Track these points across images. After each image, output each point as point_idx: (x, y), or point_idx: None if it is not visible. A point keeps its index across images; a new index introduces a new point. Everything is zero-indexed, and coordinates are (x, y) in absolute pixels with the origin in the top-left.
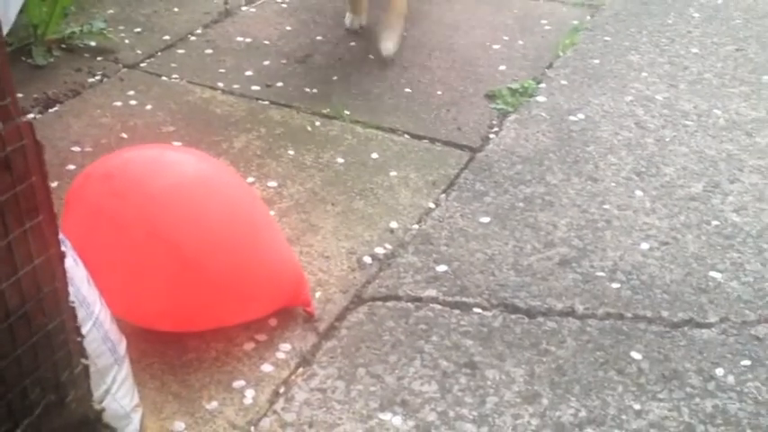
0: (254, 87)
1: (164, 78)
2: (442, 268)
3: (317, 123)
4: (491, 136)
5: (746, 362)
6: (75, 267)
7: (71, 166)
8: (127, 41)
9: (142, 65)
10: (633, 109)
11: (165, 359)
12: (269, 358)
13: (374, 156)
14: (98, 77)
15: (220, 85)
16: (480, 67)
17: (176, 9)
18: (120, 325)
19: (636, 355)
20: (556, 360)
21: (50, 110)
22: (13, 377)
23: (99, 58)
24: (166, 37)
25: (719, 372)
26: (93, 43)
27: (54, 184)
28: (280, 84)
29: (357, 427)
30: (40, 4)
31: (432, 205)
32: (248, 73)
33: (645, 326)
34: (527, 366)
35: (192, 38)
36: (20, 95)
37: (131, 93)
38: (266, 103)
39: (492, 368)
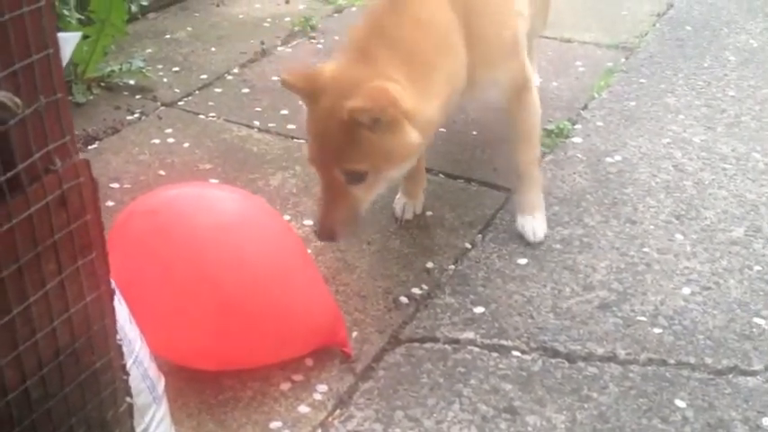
0: (290, 126)
1: (201, 116)
2: (479, 310)
3: None
4: None
5: None
6: (118, 305)
7: (110, 203)
8: (165, 80)
9: (180, 103)
10: (671, 151)
11: (202, 398)
12: (306, 399)
13: None
14: (137, 115)
15: (256, 123)
16: None
17: (213, 49)
18: (157, 363)
19: (680, 403)
20: (598, 406)
21: (90, 147)
22: (59, 416)
23: (138, 97)
24: (204, 76)
25: (766, 421)
26: (132, 82)
27: None
28: None
29: None
30: (81, 43)
31: (468, 245)
32: (284, 112)
33: (688, 373)
34: (568, 412)
35: (229, 77)
36: None
37: (169, 130)
38: (302, 141)
39: (532, 414)
